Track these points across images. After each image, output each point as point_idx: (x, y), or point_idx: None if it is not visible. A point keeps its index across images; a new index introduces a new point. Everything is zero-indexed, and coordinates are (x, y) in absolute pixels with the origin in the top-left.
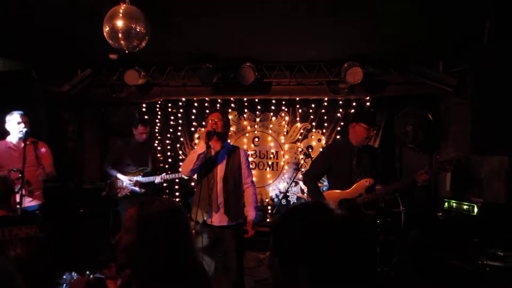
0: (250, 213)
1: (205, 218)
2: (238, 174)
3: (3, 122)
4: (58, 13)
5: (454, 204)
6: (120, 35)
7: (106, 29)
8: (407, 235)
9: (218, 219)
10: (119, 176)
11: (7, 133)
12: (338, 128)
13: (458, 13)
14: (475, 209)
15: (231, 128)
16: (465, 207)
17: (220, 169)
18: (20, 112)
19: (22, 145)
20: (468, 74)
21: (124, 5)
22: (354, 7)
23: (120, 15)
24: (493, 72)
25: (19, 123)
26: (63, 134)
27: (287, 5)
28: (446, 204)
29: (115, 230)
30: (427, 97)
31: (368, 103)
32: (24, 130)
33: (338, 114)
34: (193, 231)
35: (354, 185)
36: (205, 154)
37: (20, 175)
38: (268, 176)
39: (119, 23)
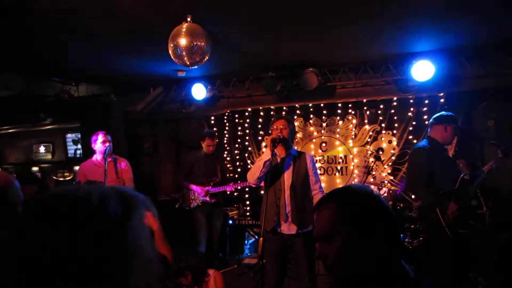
0: None
1: (274, 227)
2: (305, 181)
3: (89, 141)
4: (131, 38)
5: None
6: (183, 52)
7: (171, 47)
8: (495, 239)
9: (287, 227)
10: (191, 187)
11: (93, 151)
12: (410, 128)
13: None
14: None
15: (298, 135)
16: None
17: (287, 177)
18: (103, 132)
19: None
20: None
21: (186, 24)
22: None
23: (183, 33)
24: None
25: (103, 142)
26: (140, 150)
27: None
28: None
29: (191, 240)
30: (510, 89)
31: (442, 100)
32: (107, 147)
33: (409, 113)
34: (261, 239)
35: (458, 181)
36: (271, 161)
37: None
38: (338, 181)
39: (182, 41)
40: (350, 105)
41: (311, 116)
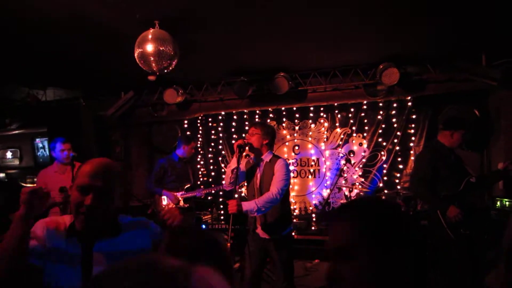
0: (249, 203)
1: (253, 229)
2: None
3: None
4: (99, 42)
5: (507, 203)
6: (150, 58)
7: (137, 53)
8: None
9: (261, 231)
10: (163, 192)
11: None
12: (380, 131)
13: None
14: None
15: None
16: None
17: (257, 183)
18: (61, 139)
19: (67, 168)
20: None
21: (152, 30)
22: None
23: (149, 39)
24: None
25: (61, 151)
26: (112, 154)
27: (314, 10)
28: (498, 203)
29: None
30: (473, 93)
31: (409, 103)
32: (65, 155)
33: (379, 117)
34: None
35: (463, 184)
36: (237, 168)
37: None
38: (310, 183)
39: (149, 47)
40: (321, 109)
41: (284, 119)
